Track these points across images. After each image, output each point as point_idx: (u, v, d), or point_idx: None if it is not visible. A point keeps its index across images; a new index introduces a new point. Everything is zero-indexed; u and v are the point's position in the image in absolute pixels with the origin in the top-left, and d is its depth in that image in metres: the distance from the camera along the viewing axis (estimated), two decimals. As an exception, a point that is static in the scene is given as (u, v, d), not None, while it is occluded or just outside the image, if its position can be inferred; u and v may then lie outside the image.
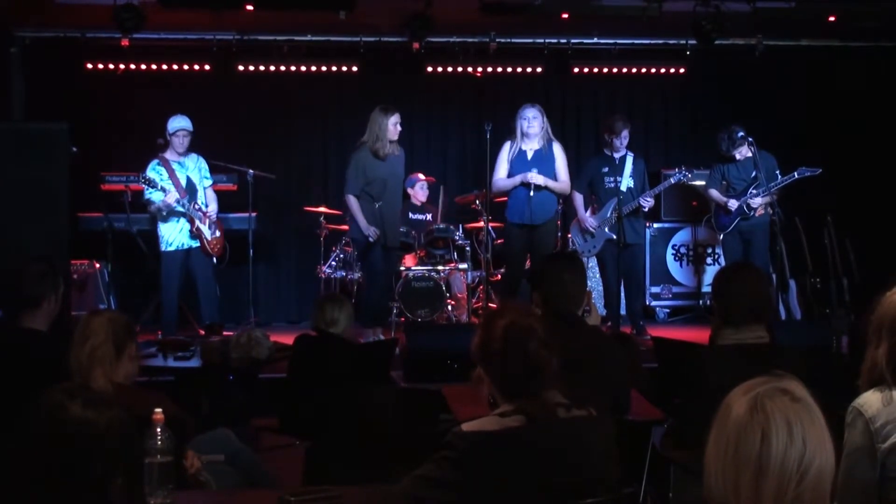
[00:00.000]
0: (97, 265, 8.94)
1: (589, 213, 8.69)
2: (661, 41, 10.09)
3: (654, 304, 10.05)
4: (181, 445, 3.42)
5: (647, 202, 8.51)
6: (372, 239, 7.95)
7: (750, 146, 8.48)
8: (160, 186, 7.87)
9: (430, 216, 9.66)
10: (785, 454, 1.81)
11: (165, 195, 7.86)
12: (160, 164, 7.99)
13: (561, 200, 9.33)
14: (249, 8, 8.24)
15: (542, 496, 2.59)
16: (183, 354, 5.97)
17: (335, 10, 8.33)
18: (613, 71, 10.26)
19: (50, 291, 4.29)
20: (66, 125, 7.12)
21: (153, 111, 8.89)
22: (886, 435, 2.65)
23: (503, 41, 9.74)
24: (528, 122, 8.16)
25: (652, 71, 10.28)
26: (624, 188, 8.45)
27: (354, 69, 9.83)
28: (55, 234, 6.92)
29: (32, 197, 6.89)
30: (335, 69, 9.89)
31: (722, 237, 8.90)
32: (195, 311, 8.41)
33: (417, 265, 9.05)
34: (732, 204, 8.60)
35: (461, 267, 9.14)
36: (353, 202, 8.03)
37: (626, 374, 3.94)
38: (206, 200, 8.19)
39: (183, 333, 7.67)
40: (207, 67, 9.78)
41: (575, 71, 10.15)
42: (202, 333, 7.65)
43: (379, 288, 8.18)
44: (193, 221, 8.00)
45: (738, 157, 8.65)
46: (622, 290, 8.77)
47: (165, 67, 9.77)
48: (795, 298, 9.15)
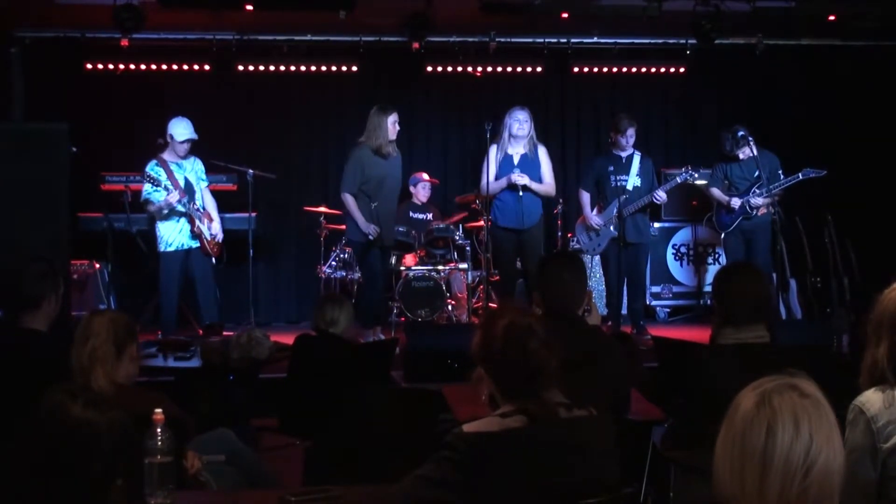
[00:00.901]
0: (97, 265, 8.94)
1: (595, 211, 8.69)
2: (661, 41, 10.10)
3: (654, 303, 10.05)
4: (181, 446, 3.42)
5: (660, 197, 8.48)
6: (372, 237, 7.96)
7: (752, 146, 8.47)
8: (163, 185, 7.85)
9: (431, 216, 9.66)
10: (790, 448, 1.82)
11: (168, 194, 7.84)
12: (158, 164, 7.95)
13: (560, 201, 9.35)
14: (249, 8, 8.24)
15: (543, 497, 2.59)
16: (183, 355, 5.96)
17: (335, 9, 8.33)
18: (613, 71, 10.26)
19: (50, 292, 4.29)
20: (65, 125, 7.11)
21: (153, 111, 8.90)
22: (889, 435, 2.65)
23: (503, 41, 9.74)
24: (518, 123, 8.19)
25: (652, 70, 10.28)
26: (630, 187, 8.47)
27: (354, 69, 9.83)
28: (55, 234, 6.91)
29: (32, 197, 6.88)
30: (335, 69, 9.89)
31: (723, 236, 8.89)
32: (195, 311, 8.40)
33: (417, 265, 9.05)
34: (735, 202, 8.59)
35: (461, 267, 9.14)
36: (349, 200, 8.03)
37: (626, 373, 3.94)
38: (203, 202, 8.17)
39: (183, 334, 7.64)
40: (207, 67, 9.78)
41: (575, 71, 10.15)
42: (202, 333, 7.64)
43: (379, 288, 8.20)
44: (194, 221, 7.98)
45: (741, 156, 8.64)
46: (624, 289, 8.76)
47: (165, 67, 9.76)
48: (796, 298, 9.16)
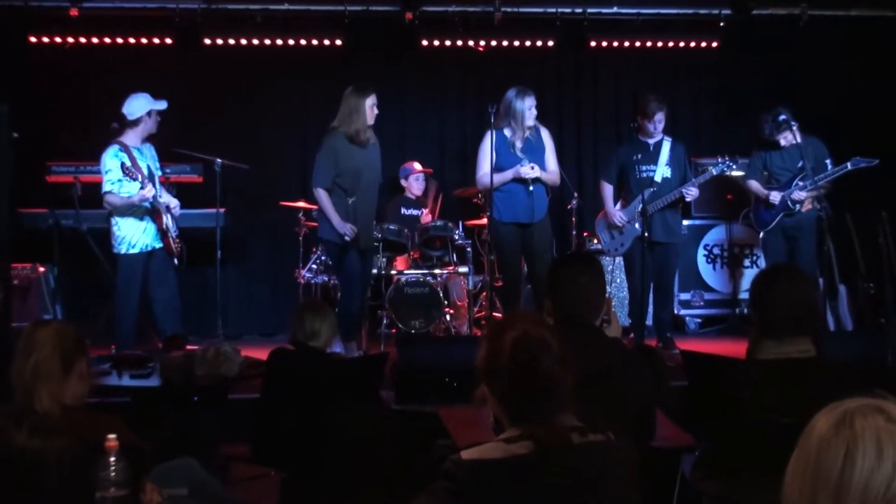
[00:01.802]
0: (41, 269, 8.93)
1: (618, 206, 8.69)
2: (690, 11, 10.12)
3: (683, 312, 10.06)
4: (138, 477, 3.42)
5: (691, 192, 8.47)
6: (349, 237, 7.91)
7: (796, 132, 8.47)
8: (139, 177, 7.81)
9: (425, 212, 9.67)
10: (870, 476, 1.82)
11: (142, 187, 7.81)
12: (122, 150, 7.88)
13: (575, 195, 9.34)
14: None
15: (553, 534, 2.59)
16: (140, 372, 5.98)
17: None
18: (636, 45, 10.26)
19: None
20: (5, 107, 7.11)
21: (107, 91, 8.88)
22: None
23: (509, 10, 9.76)
24: (529, 112, 8.16)
25: (681, 45, 10.28)
26: (659, 178, 8.47)
27: (338, 43, 9.84)
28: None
29: (-35, 190, 6.88)
30: (316, 43, 9.90)
31: (762, 235, 8.90)
32: (154, 321, 8.37)
33: (410, 268, 9.06)
34: (775, 197, 8.60)
35: (461, 270, 9.15)
36: (323, 196, 7.99)
37: (651, 393, 3.94)
38: (160, 193, 8.13)
39: (140, 348, 7.65)
40: (169, 41, 9.78)
41: (592, 45, 10.17)
42: (162, 348, 7.64)
43: (357, 296, 8.16)
44: (161, 218, 7.97)
45: (782, 143, 8.65)
46: (650, 296, 8.75)
47: (121, 41, 9.76)
48: (846, 306, 9.17)
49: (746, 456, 3.53)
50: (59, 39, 9.63)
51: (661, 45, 10.27)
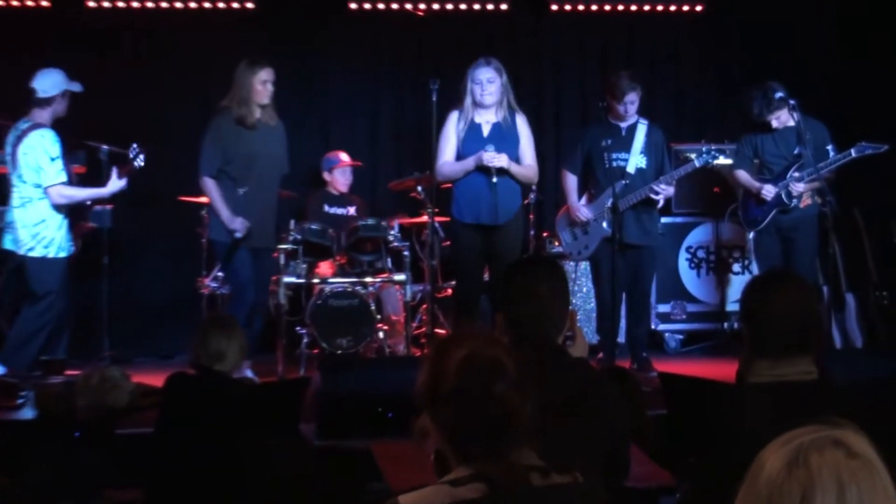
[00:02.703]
0: None
1: (584, 201, 8.70)
2: (670, -31, 10.20)
3: (661, 327, 10.12)
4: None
5: (662, 190, 8.43)
6: (239, 234, 7.96)
7: (792, 111, 8.51)
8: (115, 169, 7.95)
9: (353, 209, 9.65)
10: None
11: (109, 182, 8.00)
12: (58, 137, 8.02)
13: (534, 188, 9.34)
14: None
15: None
16: (10, 403, 5.90)
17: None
18: (606, 9, 10.34)
19: None
20: None
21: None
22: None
23: (455, -32, 9.78)
24: (482, 86, 8.07)
25: (659, 9, 10.37)
26: (632, 168, 8.48)
27: (250, 6, 9.82)
28: None
29: None
30: (223, 5, 9.86)
31: (753, 236, 8.98)
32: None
33: (336, 276, 9.03)
34: (768, 191, 8.66)
35: (397, 279, 9.13)
36: (210, 186, 8.10)
37: (624, 424, 3.95)
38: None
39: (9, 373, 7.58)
40: (45, 3, 9.69)
41: (554, 9, 10.23)
42: (37, 373, 7.57)
43: (249, 306, 8.15)
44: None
45: (775, 124, 8.69)
46: (622, 308, 8.77)
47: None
48: (855, 319, 9.25)
49: (735, 497, 3.54)
50: None
51: (635, 8, 10.35)
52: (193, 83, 10.25)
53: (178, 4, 9.80)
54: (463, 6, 10.15)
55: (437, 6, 10.08)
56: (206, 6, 9.86)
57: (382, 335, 9.01)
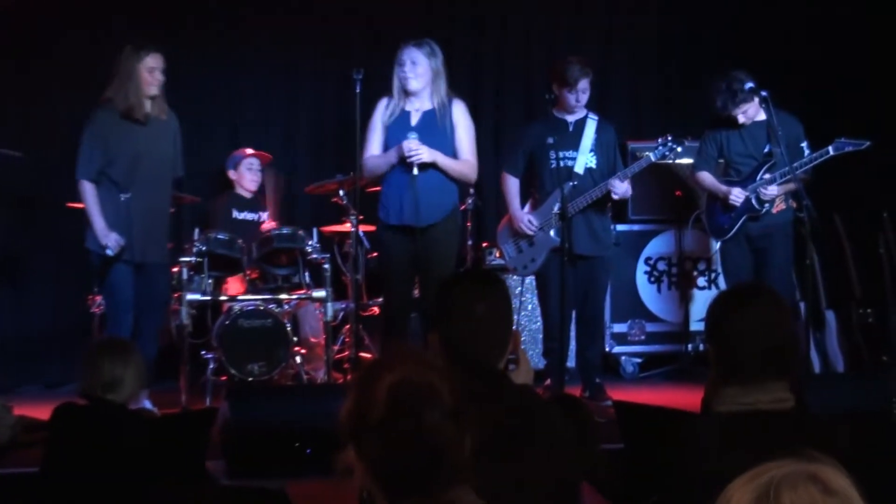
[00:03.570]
0: None
1: (528, 208, 8.72)
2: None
3: (617, 350, 10.17)
4: None
5: (619, 188, 8.38)
6: (110, 252, 7.90)
7: (763, 104, 8.53)
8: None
9: (264, 215, 9.64)
10: None
11: None
12: None
13: (472, 192, 9.37)
14: None
15: None
16: None
17: None
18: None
19: None
20: None
21: None
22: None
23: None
24: (407, 68, 8.05)
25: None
26: (581, 169, 8.47)
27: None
28: None
29: None
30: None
31: (720, 246, 9.04)
32: None
33: (247, 293, 9.01)
34: (736, 195, 8.68)
35: (316, 295, 9.12)
36: (87, 191, 8.06)
37: (574, 459, 3.98)
38: None
39: None
40: None
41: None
42: None
43: (126, 328, 8.12)
44: None
45: (742, 119, 8.70)
46: (571, 328, 8.80)
47: None
48: (836, 339, 9.33)
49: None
50: None
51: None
52: (77, 75, 10.12)
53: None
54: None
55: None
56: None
57: (299, 360, 8.99)
